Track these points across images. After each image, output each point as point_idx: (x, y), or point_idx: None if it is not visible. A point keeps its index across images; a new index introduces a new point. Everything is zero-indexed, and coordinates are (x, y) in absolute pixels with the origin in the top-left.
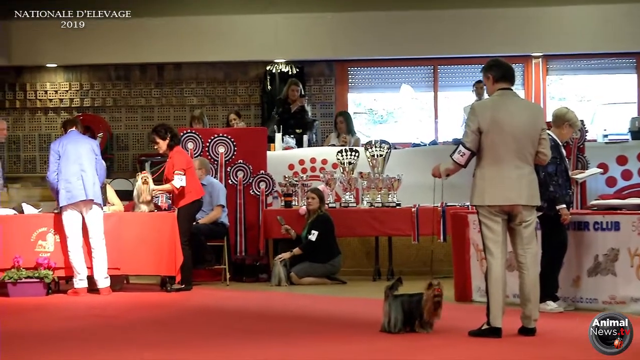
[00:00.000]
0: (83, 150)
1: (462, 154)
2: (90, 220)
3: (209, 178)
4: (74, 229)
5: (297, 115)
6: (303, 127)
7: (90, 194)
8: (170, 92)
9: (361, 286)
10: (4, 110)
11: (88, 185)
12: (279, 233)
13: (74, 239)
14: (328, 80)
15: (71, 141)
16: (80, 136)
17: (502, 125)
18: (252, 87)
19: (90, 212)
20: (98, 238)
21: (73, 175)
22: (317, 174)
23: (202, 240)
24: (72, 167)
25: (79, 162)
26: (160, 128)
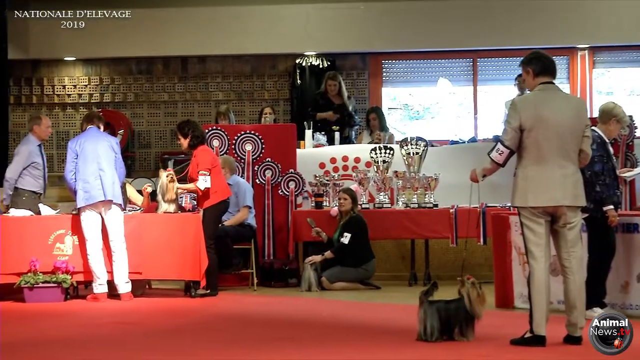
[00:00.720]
0: (101, 148)
1: (500, 152)
2: (110, 221)
3: (235, 177)
4: (93, 231)
5: (336, 112)
6: (342, 124)
7: (109, 194)
8: (194, 87)
9: (396, 292)
10: (20, 105)
11: (107, 185)
12: (309, 235)
13: (93, 242)
14: (361, 74)
15: (89, 139)
16: (99, 133)
17: (546, 122)
18: (281, 81)
19: (110, 214)
20: (118, 240)
21: (91, 175)
22: (350, 173)
23: (228, 243)
24: (90, 167)
25: (97, 161)
26: (184, 125)
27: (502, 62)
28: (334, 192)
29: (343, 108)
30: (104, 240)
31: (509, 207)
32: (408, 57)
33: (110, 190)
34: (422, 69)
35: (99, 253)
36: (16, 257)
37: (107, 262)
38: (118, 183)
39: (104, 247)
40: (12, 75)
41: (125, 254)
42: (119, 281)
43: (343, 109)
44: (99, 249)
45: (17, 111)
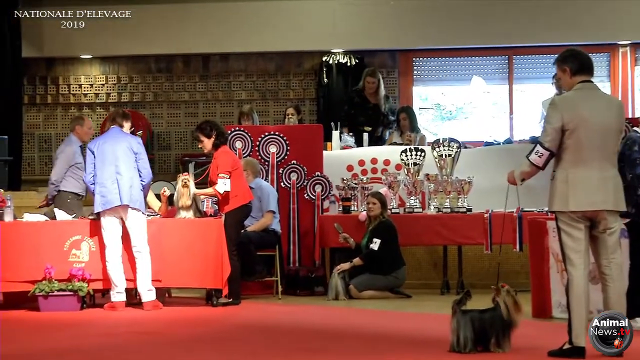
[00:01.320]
0: (120, 150)
1: (540, 154)
2: (131, 227)
3: (258, 181)
4: (112, 236)
5: (370, 111)
6: (374, 124)
7: (125, 199)
8: (216, 86)
9: (428, 300)
10: (34, 106)
11: (123, 189)
12: (336, 241)
13: (112, 248)
14: (391, 73)
15: (108, 140)
16: (119, 134)
17: (588, 122)
18: (307, 80)
19: (130, 219)
20: (140, 246)
21: (108, 178)
22: (379, 175)
23: (252, 250)
24: (107, 170)
25: (115, 164)
26: (205, 125)
27: (539, 59)
28: (363, 196)
29: (377, 108)
30: (126, 247)
31: (546, 212)
32: (440, 55)
33: (127, 195)
34: (455, 66)
35: (117, 260)
36: (30, 264)
37: (127, 270)
38: (138, 186)
39: (125, 254)
40: (26, 74)
41: (148, 261)
42: (141, 289)
43: (377, 108)
44: (118, 256)
45: (32, 111)
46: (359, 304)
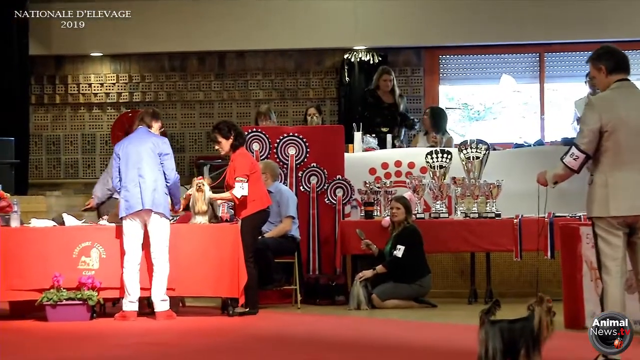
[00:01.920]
0: (144, 151)
1: (575, 157)
2: (152, 232)
3: (277, 185)
4: (133, 242)
5: (386, 111)
6: (391, 125)
7: (147, 203)
8: (232, 85)
9: (454, 310)
10: (42, 106)
11: (146, 192)
12: (358, 248)
13: (132, 255)
14: (416, 71)
15: (133, 141)
16: (145, 135)
17: (628, 123)
18: (328, 78)
19: (153, 223)
20: (159, 252)
21: (131, 181)
22: (403, 179)
23: (270, 257)
24: (130, 172)
25: (138, 167)
26: (224, 125)
27: (572, 56)
28: (386, 201)
29: (394, 107)
30: (147, 254)
31: (578, 217)
32: (468, 52)
33: (149, 199)
34: (483, 64)
35: (135, 268)
36: (38, 272)
37: (143, 279)
38: (162, 190)
39: (145, 261)
40: (33, 73)
41: (165, 269)
42: (155, 298)
43: (394, 108)
44: (136, 264)
45: (39, 112)
46: (381, 313)
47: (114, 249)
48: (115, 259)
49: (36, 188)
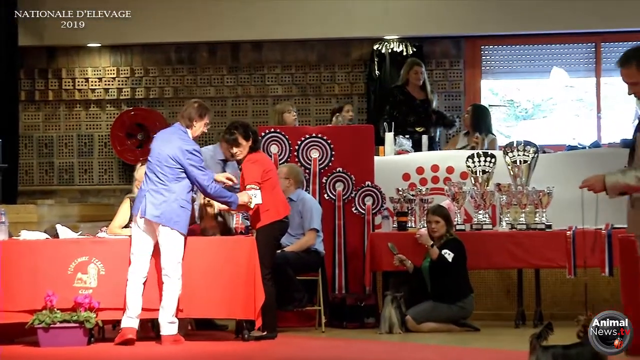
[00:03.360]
0: (163, 154)
1: None
2: (160, 246)
3: (300, 192)
4: (136, 249)
5: (419, 109)
6: (426, 124)
7: (149, 211)
8: (247, 80)
9: (500, 334)
10: (32, 103)
11: (151, 200)
12: (390, 264)
13: (135, 265)
14: (455, 63)
15: (159, 138)
16: (176, 133)
17: None
18: (355, 72)
19: (161, 237)
20: (170, 269)
21: (145, 183)
22: (441, 186)
23: (290, 274)
24: (147, 169)
25: (153, 168)
26: (241, 126)
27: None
28: (421, 210)
29: (427, 104)
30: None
31: None
32: (514, 42)
33: (152, 208)
34: (532, 56)
35: (139, 280)
36: (28, 291)
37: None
38: (175, 201)
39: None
40: (23, 66)
41: (173, 289)
42: (162, 320)
43: (427, 105)
44: (141, 276)
45: (30, 110)
46: (417, 338)
47: (114, 264)
48: (116, 276)
49: (26, 196)
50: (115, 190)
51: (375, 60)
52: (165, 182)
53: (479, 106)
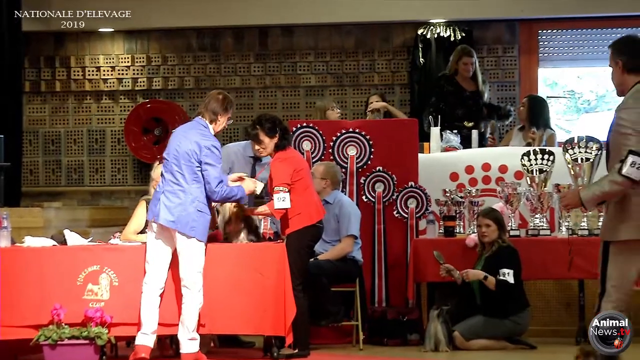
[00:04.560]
0: (181, 151)
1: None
2: (179, 254)
3: (337, 194)
4: (153, 259)
5: (469, 101)
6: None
7: (162, 217)
8: (277, 68)
9: (559, 352)
10: (38, 95)
11: (166, 203)
12: (436, 274)
13: (150, 275)
14: (508, 50)
15: (177, 134)
16: (195, 128)
17: None
18: (397, 60)
19: (178, 244)
20: (189, 281)
21: (161, 183)
22: (493, 186)
23: (325, 284)
24: (164, 169)
25: (170, 168)
26: (267, 121)
27: None
28: (471, 214)
29: (477, 96)
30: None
31: None
32: (574, 26)
33: (167, 212)
34: (594, 41)
35: (153, 291)
36: (33, 304)
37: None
38: (193, 204)
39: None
40: (27, 54)
41: (193, 302)
42: (182, 337)
43: (477, 97)
44: (156, 287)
45: (35, 102)
46: (466, 356)
47: (129, 274)
48: (130, 287)
49: (31, 198)
50: (130, 192)
51: (420, 46)
52: (182, 182)
53: (535, 97)
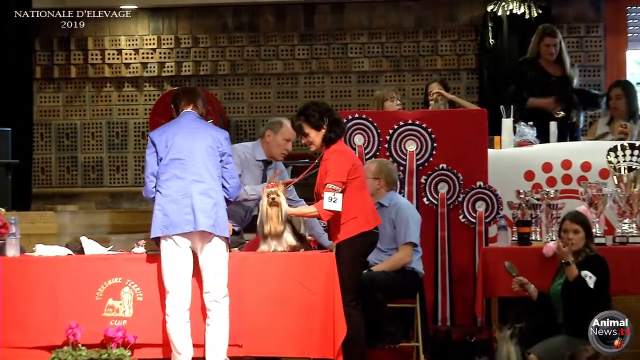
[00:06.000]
0: (199, 148)
1: None
2: (205, 262)
3: (393, 196)
4: (176, 275)
5: (555, 88)
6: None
7: (203, 222)
8: (325, 51)
9: None
10: (51, 82)
11: (202, 207)
12: (508, 288)
13: (177, 294)
14: (592, 29)
15: (182, 130)
16: (198, 123)
17: None
18: (463, 41)
19: (209, 251)
20: (218, 293)
21: (179, 189)
22: (574, 187)
23: (380, 300)
24: (178, 175)
25: (192, 170)
26: (314, 110)
27: None
28: (549, 219)
29: (566, 82)
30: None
31: None
32: None
33: (206, 217)
34: None
35: (182, 314)
36: (45, 322)
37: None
38: (223, 204)
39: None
40: (38, 35)
41: (225, 317)
42: (213, 358)
43: (566, 82)
44: (184, 308)
45: (47, 90)
46: None
47: (155, 288)
48: (157, 303)
49: (43, 200)
50: None
51: (490, 25)
52: (208, 180)
53: (629, 84)
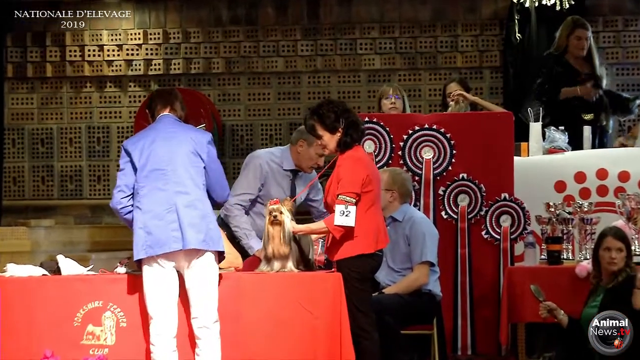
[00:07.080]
0: (181, 155)
1: None
2: (192, 283)
3: (407, 209)
4: (161, 300)
5: None
6: (596, 109)
7: (191, 238)
8: (331, 47)
9: None
10: (23, 82)
11: (189, 221)
12: (536, 313)
13: (161, 320)
14: (630, 23)
15: (159, 137)
16: (178, 127)
17: None
18: (486, 36)
19: (194, 270)
20: (208, 318)
21: (162, 202)
22: (611, 199)
23: (392, 326)
24: (159, 187)
25: (174, 179)
26: (328, 110)
27: None
28: (583, 235)
29: (595, 79)
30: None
31: None
32: None
33: (192, 232)
34: None
35: (168, 342)
36: (19, 349)
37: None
38: (213, 216)
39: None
40: (10, 30)
41: (216, 345)
42: None
43: (595, 81)
44: (171, 336)
45: (20, 91)
46: None
47: (140, 313)
48: (142, 330)
49: (14, 214)
50: None
51: (516, 18)
52: (193, 190)
53: None
